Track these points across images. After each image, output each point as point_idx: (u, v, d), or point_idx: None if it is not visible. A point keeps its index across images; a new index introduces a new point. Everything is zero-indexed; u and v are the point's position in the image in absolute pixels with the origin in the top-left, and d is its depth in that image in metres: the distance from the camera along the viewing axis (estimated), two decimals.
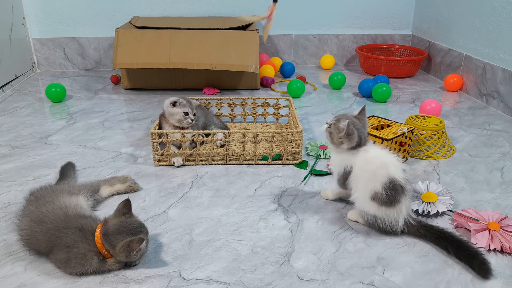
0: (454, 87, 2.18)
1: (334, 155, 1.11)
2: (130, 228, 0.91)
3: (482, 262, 0.92)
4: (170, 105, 1.43)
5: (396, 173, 1.01)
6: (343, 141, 1.05)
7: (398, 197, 1.00)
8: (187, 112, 1.42)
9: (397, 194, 1.00)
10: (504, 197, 1.22)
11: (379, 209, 1.02)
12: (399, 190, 1.00)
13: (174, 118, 1.43)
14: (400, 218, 1.02)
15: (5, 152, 1.48)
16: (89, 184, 1.18)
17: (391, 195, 1.00)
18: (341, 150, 1.07)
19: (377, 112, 1.88)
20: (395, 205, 1.01)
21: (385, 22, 2.67)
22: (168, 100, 1.44)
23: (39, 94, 2.09)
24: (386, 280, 0.91)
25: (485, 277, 0.91)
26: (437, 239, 1.00)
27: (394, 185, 1.00)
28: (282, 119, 1.76)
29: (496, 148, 1.54)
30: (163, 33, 2.02)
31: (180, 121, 1.43)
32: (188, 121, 1.43)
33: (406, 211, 1.02)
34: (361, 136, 1.05)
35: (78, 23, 2.46)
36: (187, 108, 1.43)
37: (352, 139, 1.04)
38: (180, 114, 1.42)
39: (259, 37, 2.05)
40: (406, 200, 1.01)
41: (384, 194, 1.00)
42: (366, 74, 2.50)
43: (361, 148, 1.06)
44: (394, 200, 1.00)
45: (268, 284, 0.90)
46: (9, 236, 1.04)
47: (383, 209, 1.02)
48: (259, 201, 1.20)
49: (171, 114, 1.43)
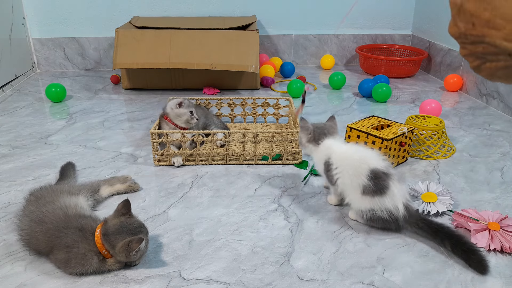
0: (454, 87, 2.18)
1: (314, 157, 1.18)
2: (130, 228, 0.91)
3: (480, 258, 0.93)
4: (176, 107, 1.43)
5: (375, 163, 1.05)
6: (301, 136, 1.18)
7: (385, 183, 1.03)
8: (192, 111, 1.43)
9: (383, 181, 1.03)
10: (504, 197, 1.22)
11: (373, 201, 1.04)
12: (383, 176, 1.03)
13: (182, 119, 1.44)
14: (398, 203, 1.03)
15: (5, 152, 1.48)
16: (89, 184, 1.18)
17: (378, 183, 1.03)
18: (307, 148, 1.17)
19: (377, 112, 1.88)
20: (386, 192, 1.03)
21: (385, 22, 2.67)
22: (173, 102, 1.44)
23: (39, 94, 2.09)
24: (386, 280, 0.91)
25: (482, 273, 0.92)
26: (435, 233, 1.01)
27: (376, 174, 1.03)
28: (282, 119, 1.77)
29: (496, 148, 1.54)
30: (163, 33, 2.02)
31: (187, 121, 1.43)
32: (194, 120, 1.44)
33: (400, 195, 1.04)
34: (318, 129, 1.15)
35: (78, 23, 2.46)
36: (191, 108, 1.44)
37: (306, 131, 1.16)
38: (187, 114, 1.43)
39: (259, 37, 2.05)
40: (394, 184, 1.03)
41: (371, 184, 1.03)
42: (366, 74, 2.50)
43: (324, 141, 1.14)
44: (383, 187, 1.03)
45: (268, 284, 0.90)
46: (9, 236, 1.04)
47: (377, 200, 1.04)
48: (259, 201, 1.20)
49: (178, 115, 1.43)
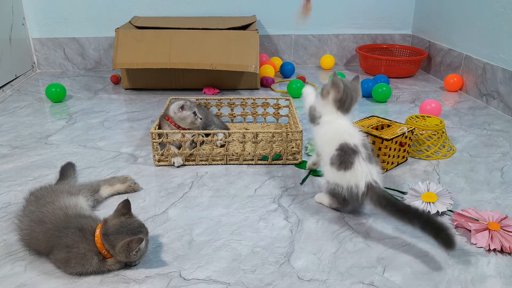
0: (454, 87, 2.18)
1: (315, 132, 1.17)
2: (130, 228, 0.91)
3: (448, 235, 0.93)
4: (179, 110, 1.41)
5: (348, 138, 1.07)
6: (330, 91, 1.12)
7: (350, 160, 1.05)
8: (195, 111, 1.42)
9: (349, 157, 1.05)
10: (504, 197, 1.22)
11: (337, 174, 1.08)
12: (350, 153, 1.06)
13: (186, 122, 1.42)
14: (360, 181, 1.05)
15: (5, 152, 1.48)
16: (89, 184, 1.18)
17: (343, 158, 1.06)
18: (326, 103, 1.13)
19: (377, 112, 1.88)
20: (349, 168, 1.05)
21: (385, 22, 2.67)
22: (175, 106, 1.42)
23: (39, 94, 2.09)
24: (386, 280, 0.91)
25: (449, 248, 0.93)
26: (401, 213, 1.00)
27: (344, 149, 1.06)
28: (282, 119, 1.77)
29: (496, 148, 1.54)
30: (163, 33, 2.02)
31: (192, 122, 1.42)
32: (198, 120, 1.42)
33: (364, 174, 1.05)
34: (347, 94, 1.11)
35: (78, 23, 2.46)
36: (194, 108, 1.42)
37: (338, 89, 1.10)
38: (191, 116, 1.41)
39: (259, 37, 2.05)
40: (360, 162, 1.05)
41: (336, 156, 1.07)
42: (366, 74, 2.50)
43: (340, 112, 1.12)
44: (347, 162, 1.05)
45: (268, 284, 0.90)
46: (9, 236, 1.04)
47: (340, 174, 1.07)
48: (259, 201, 1.20)
49: (182, 118, 1.41)
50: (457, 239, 1.04)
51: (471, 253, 1.00)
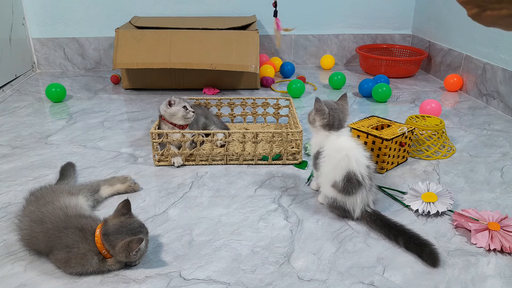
0: (454, 87, 2.18)
1: (313, 138, 1.18)
2: (130, 228, 0.91)
3: (432, 252, 0.96)
4: (167, 107, 1.41)
5: (356, 168, 1.07)
6: (315, 118, 1.13)
7: (354, 190, 1.07)
8: (185, 106, 1.42)
9: (353, 187, 1.07)
10: (504, 197, 1.22)
11: (338, 194, 1.10)
12: (355, 183, 1.06)
13: (177, 117, 1.42)
14: (357, 208, 1.09)
15: (5, 152, 1.48)
16: (89, 184, 1.18)
17: (347, 187, 1.07)
18: (317, 129, 1.14)
19: (377, 112, 1.88)
20: (351, 196, 1.08)
21: (385, 22, 2.67)
22: (163, 104, 1.42)
23: (39, 94, 2.09)
24: (386, 280, 0.91)
25: (434, 265, 0.95)
26: (385, 228, 1.04)
27: (350, 178, 1.06)
28: (282, 119, 1.77)
29: (496, 148, 1.54)
30: (163, 33, 2.02)
31: (184, 117, 1.42)
32: (190, 113, 1.42)
33: (361, 203, 1.09)
34: (334, 116, 1.12)
35: (78, 23, 2.46)
36: (183, 102, 1.42)
37: (323, 116, 1.11)
38: (181, 110, 1.41)
39: (259, 37, 2.05)
40: (362, 194, 1.07)
41: (341, 184, 1.07)
42: (366, 74, 2.50)
43: (333, 131, 1.12)
44: (350, 192, 1.07)
45: (268, 284, 0.90)
46: (9, 236, 1.04)
47: (340, 196, 1.09)
48: (259, 201, 1.20)
49: (172, 114, 1.42)
50: (457, 239, 1.04)
51: (471, 253, 1.00)
